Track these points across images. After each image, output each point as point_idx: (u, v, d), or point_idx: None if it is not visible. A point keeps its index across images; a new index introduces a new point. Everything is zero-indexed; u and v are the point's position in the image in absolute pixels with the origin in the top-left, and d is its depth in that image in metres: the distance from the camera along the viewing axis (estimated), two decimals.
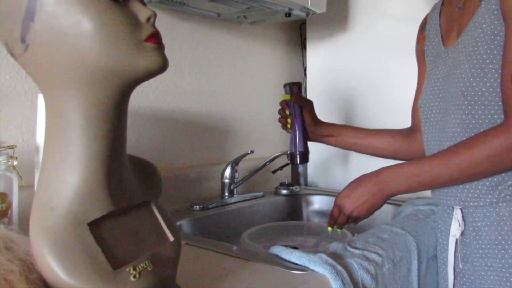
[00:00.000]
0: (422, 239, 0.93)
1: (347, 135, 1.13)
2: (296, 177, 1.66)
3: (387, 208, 1.24)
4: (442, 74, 0.93)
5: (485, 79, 0.82)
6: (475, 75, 0.83)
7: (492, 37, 0.81)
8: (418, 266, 0.89)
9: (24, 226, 0.53)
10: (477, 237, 0.85)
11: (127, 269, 0.46)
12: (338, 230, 0.97)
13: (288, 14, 1.26)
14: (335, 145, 1.16)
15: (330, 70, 1.52)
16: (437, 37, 0.98)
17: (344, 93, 1.48)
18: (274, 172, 1.38)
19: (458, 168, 0.80)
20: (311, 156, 1.58)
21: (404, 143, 1.11)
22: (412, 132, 1.11)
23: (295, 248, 0.77)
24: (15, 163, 0.72)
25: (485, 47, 0.82)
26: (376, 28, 1.40)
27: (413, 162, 0.86)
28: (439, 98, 0.93)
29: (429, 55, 1.01)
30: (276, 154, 1.29)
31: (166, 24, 1.21)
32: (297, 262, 0.72)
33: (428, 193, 1.00)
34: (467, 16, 0.88)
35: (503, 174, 0.82)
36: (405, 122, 1.20)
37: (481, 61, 0.83)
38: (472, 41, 0.85)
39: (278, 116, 1.16)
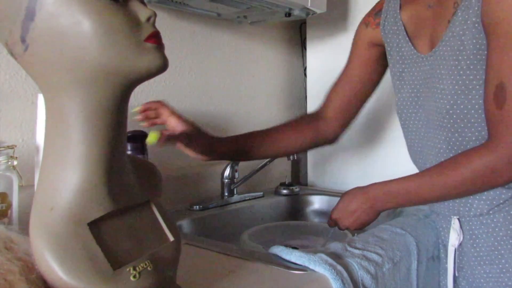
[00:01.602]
0: (422, 239, 0.93)
1: (245, 148, 0.98)
2: (296, 177, 1.66)
3: None
4: (419, 80, 0.90)
5: (469, 96, 0.80)
6: (459, 92, 0.81)
7: (475, 51, 0.78)
8: (417, 266, 0.89)
9: (24, 226, 0.53)
10: (474, 245, 0.86)
11: (127, 269, 0.46)
12: None
13: (288, 14, 1.26)
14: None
15: (330, 70, 1.51)
16: (402, 36, 0.92)
17: None
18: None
19: (443, 188, 0.80)
20: (310, 156, 1.59)
21: (311, 134, 1.05)
22: (318, 118, 1.06)
23: (295, 248, 0.77)
24: (15, 163, 0.72)
25: (468, 62, 0.79)
26: None
27: (400, 181, 0.86)
28: (418, 105, 0.91)
29: (393, 53, 0.96)
30: None
31: (166, 24, 1.21)
32: (297, 262, 0.72)
33: None
34: (442, 21, 0.84)
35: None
36: None
37: (464, 77, 0.80)
38: (452, 54, 0.81)
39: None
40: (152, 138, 0.77)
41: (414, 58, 0.91)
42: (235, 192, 1.24)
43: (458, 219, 0.88)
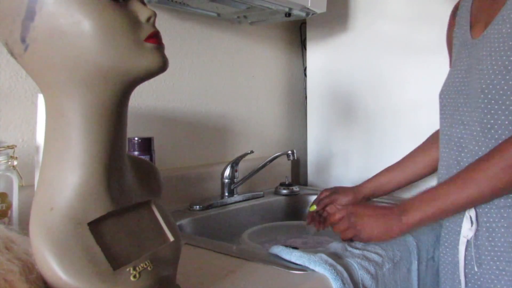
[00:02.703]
0: (422, 239, 0.93)
1: (384, 184, 1.08)
2: (296, 177, 1.66)
3: None
4: (464, 66, 0.90)
5: (507, 77, 0.78)
6: (497, 72, 0.80)
7: None
8: (418, 266, 0.89)
9: (24, 226, 0.53)
10: (490, 239, 0.82)
11: (127, 269, 0.46)
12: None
13: (288, 14, 1.26)
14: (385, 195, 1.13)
15: (330, 70, 1.52)
16: (466, 25, 0.93)
17: (344, 93, 1.48)
18: None
19: (475, 185, 0.76)
20: (310, 156, 1.59)
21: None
22: None
23: (295, 248, 0.77)
24: (15, 163, 0.72)
25: (510, 43, 0.78)
26: (376, 28, 1.40)
27: (428, 189, 0.82)
28: (457, 92, 0.90)
29: (456, 44, 0.97)
30: (276, 154, 1.29)
31: (166, 24, 1.21)
32: (297, 262, 0.72)
33: None
34: (497, 7, 0.83)
35: None
36: (405, 121, 1.20)
37: (504, 57, 0.79)
38: (498, 36, 0.81)
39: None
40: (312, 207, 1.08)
41: (467, 44, 0.91)
42: (235, 192, 1.24)
43: (475, 209, 0.83)
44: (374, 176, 1.11)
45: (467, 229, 0.85)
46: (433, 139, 1.06)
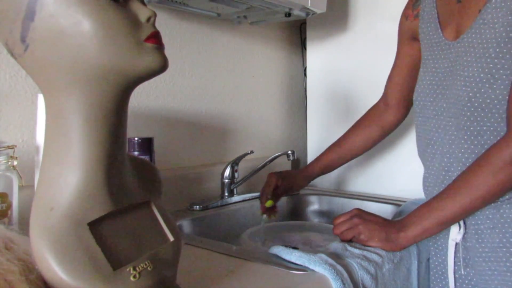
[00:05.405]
0: (422, 240, 0.93)
1: (331, 163, 1.20)
2: None
3: (387, 208, 1.24)
4: (442, 68, 0.89)
5: (494, 86, 0.79)
6: (484, 80, 0.79)
7: (507, 39, 0.77)
8: (418, 266, 0.89)
9: (24, 226, 0.53)
10: (479, 241, 0.83)
11: (127, 269, 0.46)
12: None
13: (288, 14, 1.26)
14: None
15: (330, 70, 1.52)
16: (434, 23, 0.93)
17: (344, 93, 1.48)
18: None
19: (467, 194, 0.77)
20: (310, 156, 1.59)
21: (378, 128, 1.17)
22: (384, 110, 1.16)
23: (295, 248, 0.77)
24: (15, 163, 0.72)
25: (497, 50, 0.78)
26: (376, 28, 1.40)
27: (424, 203, 0.83)
28: (436, 94, 0.90)
29: (424, 40, 0.96)
30: (276, 154, 1.29)
31: (166, 24, 1.21)
32: (297, 262, 0.72)
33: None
34: (472, 11, 0.83)
35: None
36: (404, 120, 1.20)
37: (491, 65, 0.79)
38: (481, 41, 0.80)
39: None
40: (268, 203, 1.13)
41: (441, 45, 0.90)
42: (235, 192, 1.24)
43: None
44: (320, 155, 1.22)
45: (455, 233, 0.86)
46: (368, 120, 1.19)
